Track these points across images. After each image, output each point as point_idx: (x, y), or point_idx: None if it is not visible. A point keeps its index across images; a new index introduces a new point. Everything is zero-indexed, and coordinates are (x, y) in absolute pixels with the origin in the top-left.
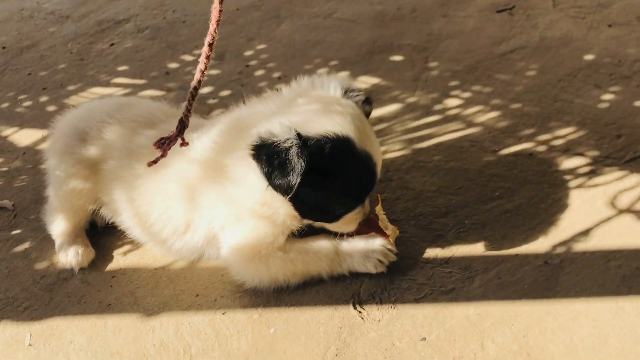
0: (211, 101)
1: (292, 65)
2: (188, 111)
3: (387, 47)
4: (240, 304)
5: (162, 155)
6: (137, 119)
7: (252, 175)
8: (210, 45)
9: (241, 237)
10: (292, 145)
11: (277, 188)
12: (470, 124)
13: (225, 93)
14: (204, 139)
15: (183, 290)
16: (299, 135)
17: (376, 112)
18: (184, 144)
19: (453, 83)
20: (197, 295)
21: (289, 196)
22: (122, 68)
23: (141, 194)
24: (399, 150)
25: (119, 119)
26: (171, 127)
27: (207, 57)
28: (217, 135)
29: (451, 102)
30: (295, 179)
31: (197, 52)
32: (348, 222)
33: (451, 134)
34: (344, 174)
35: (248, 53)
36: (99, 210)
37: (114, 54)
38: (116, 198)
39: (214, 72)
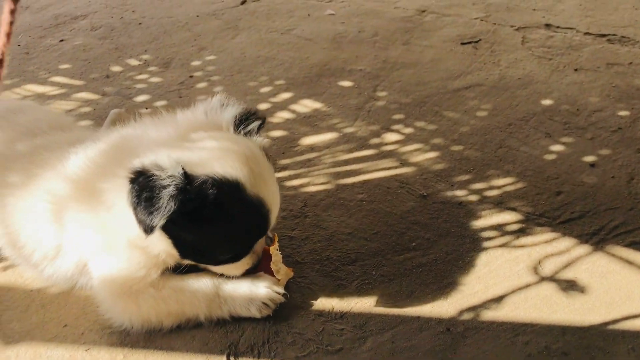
0: (144, 111)
1: (236, 80)
2: None
3: (337, 70)
4: (107, 342)
5: None
6: (18, 128)
7: None
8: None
9: (110, 268)
10: (170, 185)
11: (140, 223)
12: (404, 163)
13: (160, 103)
14: (81, 155)
15: (52, 318)
16: (185, 174)
17: (309, 140)
18: None
19: (397, 116)
20: (65, 325)
21: (147, 236)
22: (64, 66)
23: (11, 212)
24: (322, 184)
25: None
26: (52, 140)
27: None
28: (96, 154)
29: (390, 136)
30: (157, 221)
31: (144, 56)
32: (236, 267)
33: (382, 171)
34: (229, 221)
35: (195, 63)
36: None
37: (61, 51)
38: None
39: (155, 79)
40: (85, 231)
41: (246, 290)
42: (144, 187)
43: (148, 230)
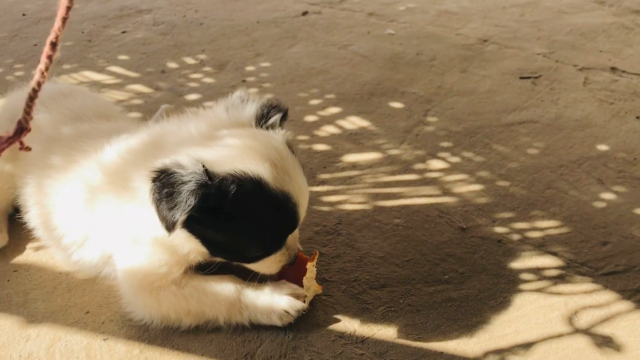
0: (193, 109)
1: (287, 89)
2: (27, 114)
3: (390, 91)
4: (125, 334)
5: None
6: (66, 112)
7: None
8: (53, 44)
9: (134, 262)
10: (190, 181)
11: (162, 221)
12: (446, 192)
13: (209, 104)
14: (117, 146)
15: (76, 303)
16: (206, 171)
17: (352, 157)
18: (24, 148)
19: (445, 144)
20: (87, 312)
21: (169, 234)
22: (122, 57)
23: (48, 194)
24: (359, 203)
25: (49, 107)
26: (95, 128)
27: (49, 57)
28: (132, 146)
29: (435, 163)
30: (178, 216)
31: (201, 56)
32: (270, 264)
33: (422, 198)
34: (254, 217)
35: (250, 68)
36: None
37: (121, 42)
38: (26, 193)
39: (208, 80)
40: (112, 222)
41: (267, 299)
42: (165, 184)
43: (170, 227)
